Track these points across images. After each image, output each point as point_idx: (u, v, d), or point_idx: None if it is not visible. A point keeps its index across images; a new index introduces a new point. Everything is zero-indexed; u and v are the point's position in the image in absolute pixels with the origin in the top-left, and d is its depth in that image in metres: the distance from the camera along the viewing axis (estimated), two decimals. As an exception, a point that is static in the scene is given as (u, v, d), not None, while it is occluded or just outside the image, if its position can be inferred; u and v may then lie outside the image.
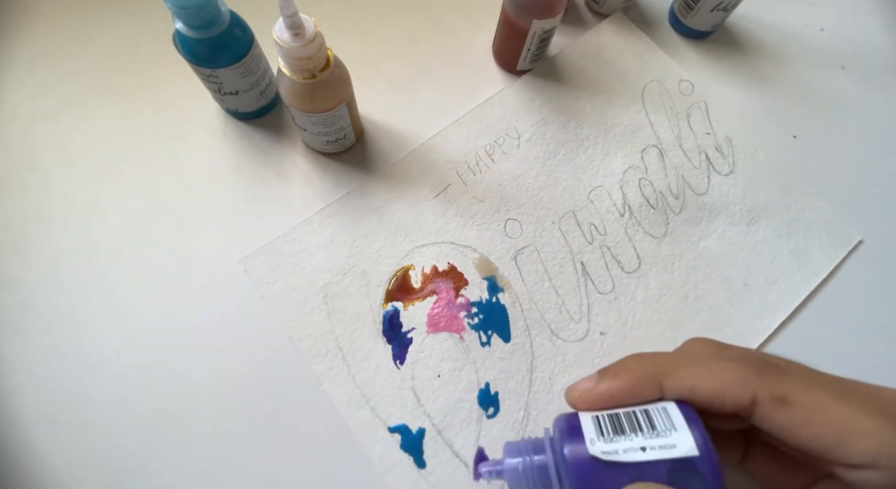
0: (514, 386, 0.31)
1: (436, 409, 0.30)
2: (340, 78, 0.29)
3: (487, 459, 0.28)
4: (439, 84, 0.38)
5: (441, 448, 0.29)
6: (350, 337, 0.31)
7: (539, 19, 0.32)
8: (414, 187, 0.35)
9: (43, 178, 0.34)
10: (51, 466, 0.28)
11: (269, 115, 0.36)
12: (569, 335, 0.32)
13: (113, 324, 0.31)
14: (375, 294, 0.32)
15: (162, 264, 0.32)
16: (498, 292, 0.33)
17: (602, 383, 0.22)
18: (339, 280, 0.32)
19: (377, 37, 0.39)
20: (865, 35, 0.41)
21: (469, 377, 0.31)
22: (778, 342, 0.33)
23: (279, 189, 0.34)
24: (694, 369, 0.21)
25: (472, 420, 0.30)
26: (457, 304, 0.32)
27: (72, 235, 0.32)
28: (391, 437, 0.29)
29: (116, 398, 0.29)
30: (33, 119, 0.35)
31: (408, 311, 0.32)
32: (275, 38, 0.25)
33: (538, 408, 0.30)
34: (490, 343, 0.31)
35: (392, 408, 0.30)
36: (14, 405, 0.29)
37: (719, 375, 0.20)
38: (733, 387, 0.20)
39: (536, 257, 0.34)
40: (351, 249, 0.33)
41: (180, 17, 0.27)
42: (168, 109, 0.36)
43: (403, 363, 0.31)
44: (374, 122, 0.36)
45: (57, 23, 0.37)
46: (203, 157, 0.35)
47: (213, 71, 0.30)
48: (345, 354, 0.31)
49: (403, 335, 0.31)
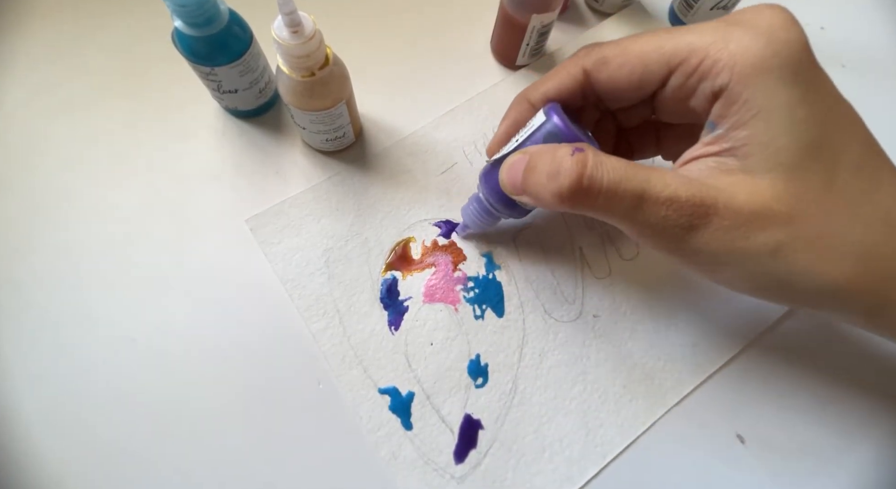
0: (504, 359, 0.31)
1: (426, 375, 0.30)
2: (339, 76, 0.29)
3: (473, 419, 0.30)
4: (439, 81, 0.38)
5: (429, 412, 0.30)
6: (348, 300, 0.32)
7: (538, 13, 0.33)
8: (421, 162, 0.35)
9: (43, 178, 0.34)
10: (51, 466, 0.28)
11: (269, 113, 0.36)
12: (562, 315, 0.33)
13: (113, 324, 0.31)
14: (376, 262, 0.33)
15: (162, 264, 0.32)
16: (495, 269, 0.33)
17: (498, 131, 0.29)
18: (341, 246, 0.33)
19: (376, 34, 0.39)
20: (865, 34, 0.41)
21: (461, 347, 0.31)
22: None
23: (278, 187, 0.34)
24: (542, 80, 0.27)
25: (460, 388, 0.30)
26: (454, 278, 0.33)
27: (72, 235, 0.32)
28: (381, 398, 0.30)
29: (118, 397, 0.30)
30: (33, 118, 0.35)
31: (406, 281, 0.33)
32: (273, 35, 0.25)
33: (526, 382, 0.31)
34: (483, 317, 0.32)
35: (383, 371, 0.30)
36: (14, 405, 0.29)
37: (557, 75, 0.26)
38: (568, 75, 0.25)
39: (535, 239, 0.34)
40: (355, 217, 0.34)
41: (179, 15, 0.27)
42: (167, 108, 0.36)
43: (398, 329, 0.31)
44: (374, 121, 0.37)
45: (56, 22, 0.38)
46: (202, 156, 0.35)
47: (211, 69, 0.30)
48: (342, 316, 0.31)
49: (400, 303, 0.32)
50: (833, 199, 0.20)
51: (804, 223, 0.20)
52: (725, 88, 0.21)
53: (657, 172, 0.21)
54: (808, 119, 0.20)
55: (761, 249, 0.20)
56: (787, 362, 0.32)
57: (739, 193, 0.21)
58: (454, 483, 0.29)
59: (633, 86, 0.24)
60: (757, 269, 0.21)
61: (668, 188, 0.21)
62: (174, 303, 0.31)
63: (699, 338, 0.32)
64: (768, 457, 0.30)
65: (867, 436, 0.31)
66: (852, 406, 0.31)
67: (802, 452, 0.30)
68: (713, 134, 0.22)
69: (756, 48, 0.20)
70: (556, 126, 0.24)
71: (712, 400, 0.31)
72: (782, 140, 0.20)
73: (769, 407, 0.31)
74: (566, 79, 0.25)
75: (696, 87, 0.22)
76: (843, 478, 0.30)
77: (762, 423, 0.31)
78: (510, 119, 0.28)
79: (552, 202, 0.22)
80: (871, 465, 0.30)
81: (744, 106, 0.20)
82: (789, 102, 0.20)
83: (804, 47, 0.20)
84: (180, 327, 0.31)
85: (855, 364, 0.32)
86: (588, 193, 0.21)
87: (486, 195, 0.29)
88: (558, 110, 0.24)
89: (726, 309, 0.33)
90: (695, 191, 0.21)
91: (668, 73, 0.23)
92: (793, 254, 0.20)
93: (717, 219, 0.20)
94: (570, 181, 0.21)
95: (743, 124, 0.20)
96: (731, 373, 0.32)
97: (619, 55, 0.24)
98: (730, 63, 0.20)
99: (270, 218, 0.33)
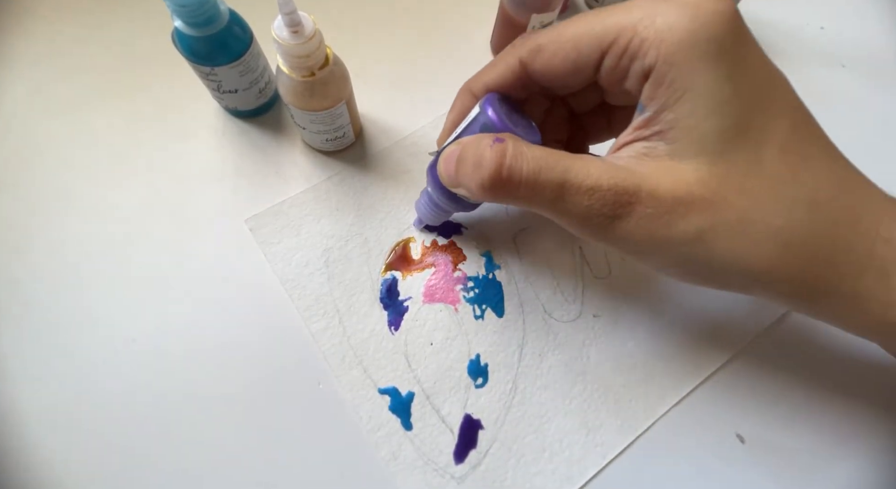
0: (504, 359, 0.31)
1: (426, 375, 0.30)
2: (339, 76, 0.29)
3: (473, 419, 0.30)
4: (439, 81, 0.38)
5: (429, 412, 0.30)
6: (348, 301, 0.32)
7: (537, 13, 0.33)
8: (421, 162, 0.35)
9: (43, 178, 0.34)
10: (51, 466, 0.28)
11: (269, 113, 0.36)
12: (562, 315, 0.33)
13: (113, 324, 0.31)
14: (376, 262, 0.33)
15: (162, 264, 0.32)
16: (495, 269, 0.33)
17: (445, 123, 0.28)
18: (341, 246, 0.33)
19: (376, 34, 0.39)
20: (865, 33, 0.41)
21: (461, 347, 0.31)
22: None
23: (278, 187, 0.34)
24: (483, 71, 0.26)
25: (460, 388, 0.30)
26: (454, 278, 0.33)
27: (72, 235, 0.32)
28: (380, 398, 0.30)
29: (118, 396, 0.30)
30: (33, 118, 0.35)
31: (406, 281, 0.33)
32: (273, 35, 0.25)
33: (526, 381, 0.31)
34: (483, 317, 0.32)
35: (383, 371, 0.30)
36: (14, 405, 0.29)
37: (496, 66, 0.25)
38: (506, 66, 0.25)
39: (535, 238, 0.34)
40: (355, 217, 0.34)
41: (179, 15, 0.27)
42: (167, 108, 0.36)
43: (398, 329, 0.31)
44: (374, 121, 0.37)
45: (56, 22, 0.38)
46: (202, 156, 0.35)
47: (212, 69, 0.30)
48: (342, 316, 0.31)
49: (400, 303, 0.32)
50: (757, 181, 0.20)
51: (726, 208, 0.20)
52: (653, 68, 0.20)
53: (581, 160, 0.21)
54: (734, 98, 0.19)
55: (684, 236, 0.20)
56: (786, 362, 0.32)
57: (663, 180, 0.20)
58: (454, 483, 0.29)
59: (568, 72, 0.23)
60: (682, 257, 0.21)
61: (590, 177, 0.20)
62: (174, 303, 0.31)
63: (699, 338, 0.32)
64: (768, 457, 0.30)
65: (867, 436, 0.31)
66: (852, 406, 0.31)
67: (802, 452, 0.30)
68: (642, 116, 0.21)
69: (682, 23, 0.19)
70: (490, 118, 0.24)
71: (712, 400, 0.31)
72: (707, 123, 0.19)
73: (769, 407, 0.31)
74: (504, 70, 0.25)
75: (628, 67, 0.21)
76: (842, 478, 0.30)
77: (762, 423, 0.31)
78: (455, 110, 0.27)
79: (477, 193, 0.22)
80: (871, 465, 0.30)
81: (670, 87, 0.19)
82: (715, 81, 0.19)
83: (732, 18, 0.19)
84: (180, 327, 0.31)
85: (854, 364, 0.32)
86: (508, 183, 0.21)
87: (432, 188, 0.29)
88: (493, 102, 0.24)
89: (726, 309, 0.33)
90: (618, 179, 0.20)
91: (600, 55, 0.21)
92: (713, 241, 0.20)
93: (639, 207, 0.20)
94: (490, 172, 0.21)
95: (670, 106, 0.20)
96: (731, 373, 0.32)
97: (553, 42, 0.23)
98: (656, 41, 0.19)
99: (270, 218, 0.33)
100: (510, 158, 0.21)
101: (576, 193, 0.21)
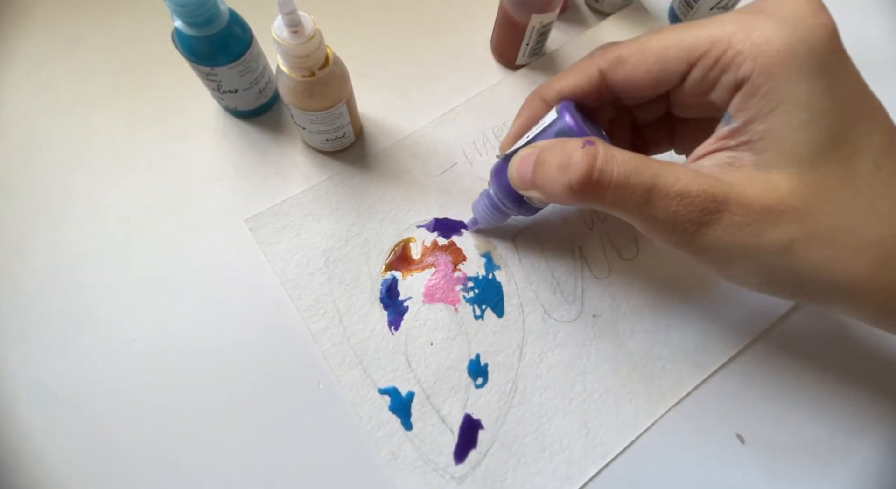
0: (504, 359, 0.31)
1: (426, 375, 0.30)
2: (339, 76, 0.29)
3: (473, 419, 0.30)
4: (439, 81, 0.38)
5: (429, 412, 0.30)
6: (348, 300, 0.32)
7: (537, 13, 0.33)
8: (421, 162, 0.35)
9: (43, 178, 0.34)
10: (51, 466, 0.28)
11: (269, 113, 0.36)
12: (561, 315, 0.33)
13: (113, 324, 0.31)
14: (375, 262, 0.33)
15: (162, 264, 0.32)
16: (495, 269, 0.33)
17: (511, 128, 0.28)
18: (340, 246, 0.33)
19: (376, 34, 0.39)
20: (865, 34, 0.41)
21: (461, 347, 0.31)
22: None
23: (278, 187, 0.34)
24: (557, 78, 0.26)
25: (460, 388, 0.30)
26: (454, 278, 0.33)
27: (72, 235, 0.32)
28: (381, 398, 0.30)
29: (118, 396, 0.30)
30: (33, 119, 0.35)
31: (406, 281, 0.33)
32: (273, 35, 0.25)
33: (526, 382, 0.31)
34: (483, 317, 0.32)
35: (383, 371, 0.30)
36: (14, 405, 0.29)
37: (571, 74, 0.26)
38: (583, 75, 0.25)
39: (535, 239, 0.34)
40: (355, 217, 0.34)
41: (179, 15, 0.27)
42: (167, 108, 0.36)
43: (398, 329, 0.31)
44: (374, 121, 0.37)
45: (56, 22, 0.38)
46: (202, 156, 0.35)
47: (212, 69, 0.30)
48: (342, 316, 0.31)
49: (400, 303, 0.32)
50: (850, 193, 0.20)
51: (819, 218, 0.20)
52: (748, 79, 0.20)
53: (669, 166, 0.21)
54: (830, 111, 0.19)
55: (773, 245, 0.20)
56: (786, 362, 0.32)
57: (752, 188, 0.20)
58: (454, 483, 0.29)
59: (650, 84, 0.23)
60: (769, 266, 0.21)
61: (679, 182, 0.21)
62: (174, 303, 0.31)
63: (699, 338, 0.32)
64: (768, 457, 0.30)
65: (867, 435, 0.31)
66: (852, 406, 0.31)
67: (802, 452, 0.30)
68: (729, 127, 0.21)
69: (781, 37, 0.19)
70: (567, 124, 0.24)
71: (712, 400, 0.31)
72: (801, 134, 0.20)
73: (769, 407, 0.31)
74: (581, 78, 0.25)
75: (718, 79, 0.21)
76: (843, 478, 0.30)
77: (762, 423, 0.31)
78: (523, 116, 0.28)
79: (562, 195, 0.22)
80: (871, 465, 0.30)
81: (764, 98, 0.20)
82: (811, 94, 0.19)
83: (832, 34, 0.20)
84: (180, 327, 0.31)
85: (854, 364, 0.32)
86: (598, 186, 0.21)
87: (496, 191, 0.29)
88: (570, 108, 0.24)
89: (726, 309, 0.33)
90: (706, 185, 0.20)
91: (688, 67, 0.22)
92: (806, 251, 0.20)
93: (728, 214, 0.20)
94: (581, 174, 0.21)
95: (761, 117, 0.20)
96: (731, 372, 0.32)
97: (636, 54, 0.23)
98: (753, 53, 0.20)
99: (270, 218, 0.33)
100: (601, 161, 0.21)
101: (664, 198, 0.21)
